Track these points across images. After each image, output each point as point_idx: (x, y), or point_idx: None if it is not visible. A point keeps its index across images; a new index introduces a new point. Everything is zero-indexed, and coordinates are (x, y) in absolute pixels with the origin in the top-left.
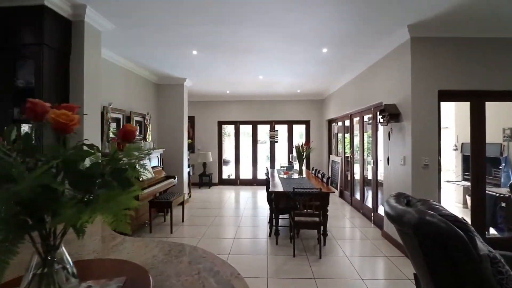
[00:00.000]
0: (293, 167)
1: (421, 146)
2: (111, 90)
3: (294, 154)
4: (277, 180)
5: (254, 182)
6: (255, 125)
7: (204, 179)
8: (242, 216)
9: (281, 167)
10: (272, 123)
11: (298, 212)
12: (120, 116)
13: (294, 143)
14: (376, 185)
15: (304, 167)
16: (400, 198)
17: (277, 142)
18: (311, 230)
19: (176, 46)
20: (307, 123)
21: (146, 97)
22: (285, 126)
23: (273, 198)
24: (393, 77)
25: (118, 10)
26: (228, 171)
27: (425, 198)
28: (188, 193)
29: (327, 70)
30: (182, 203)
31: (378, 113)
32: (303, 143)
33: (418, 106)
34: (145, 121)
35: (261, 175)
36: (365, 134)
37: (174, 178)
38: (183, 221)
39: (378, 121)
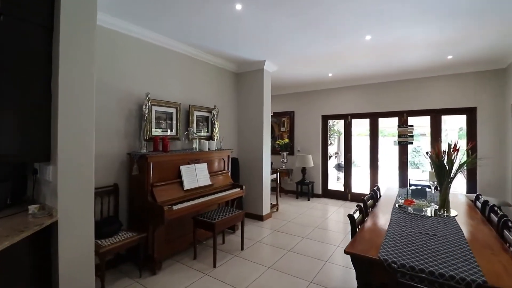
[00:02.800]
0: (429, 189)
1: None
2: (157, 80)
3: (429, 167)
4: (385, 215)
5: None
6: (374, 119)
7: (304, 188)
8: (329, 260)
9: (410, 185)
10: (402, 115)
11: None
12: (173, 110)
13: (443, 146)
14: None
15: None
16: None
17: (411, 143)
18: None
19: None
20: (470, 111)
21: (218, 89)
22: (427, 119)
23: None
24: None
25: None
26: (336, 180)
27: None
28: (273, 205)
29: None
30: (242, 223)
31: None
32: (453, 146)
33: None
34: (212, 116)
35: (382, 190)
36: None
37: (241, 188)
38: (242, 248)
39: None
